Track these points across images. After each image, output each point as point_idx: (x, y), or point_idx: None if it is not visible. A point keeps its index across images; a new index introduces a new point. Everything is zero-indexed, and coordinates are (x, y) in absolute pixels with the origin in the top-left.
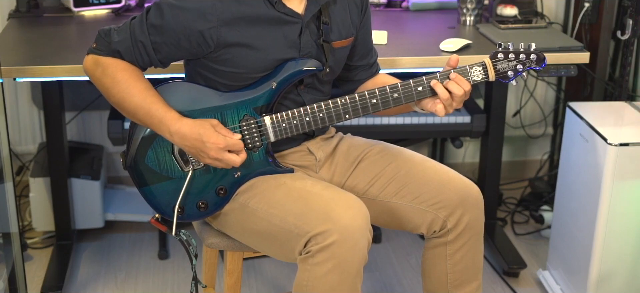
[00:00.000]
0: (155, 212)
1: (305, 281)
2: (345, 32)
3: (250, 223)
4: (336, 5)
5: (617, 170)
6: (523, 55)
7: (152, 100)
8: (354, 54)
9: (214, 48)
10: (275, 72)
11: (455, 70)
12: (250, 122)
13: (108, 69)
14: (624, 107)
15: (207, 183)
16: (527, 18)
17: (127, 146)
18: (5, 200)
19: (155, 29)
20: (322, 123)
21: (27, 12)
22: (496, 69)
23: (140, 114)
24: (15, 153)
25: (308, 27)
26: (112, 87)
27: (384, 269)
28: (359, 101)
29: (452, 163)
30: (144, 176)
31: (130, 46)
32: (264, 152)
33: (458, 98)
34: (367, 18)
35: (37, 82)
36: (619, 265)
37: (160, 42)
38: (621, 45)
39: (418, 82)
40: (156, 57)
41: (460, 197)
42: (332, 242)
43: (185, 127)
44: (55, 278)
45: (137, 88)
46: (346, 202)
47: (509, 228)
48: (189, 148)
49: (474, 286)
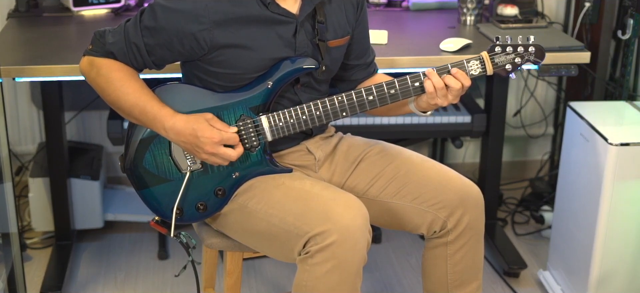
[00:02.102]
0: (155, 215)
1: (305, 281)
2: (341, 31)
3: (250, 224)
4: (331, 5)
5: (618, 170)
6: (521, 47)
7: (146, 98)
8: (350, 53)
9: (207, 50)
10: (271, 72)
11: (452, 65)
12: (247, 122)
13: (102, 70)
14: (624, 107)
15: (205, 184)
16: (528, 18)
17: (125, 149)
18: (5, 200)
19: (148, 31)
20: (319, 121)
21: (26, 11)
22: (494, 62)
23: (135, 112)
24: (15, 153)
25: (303, 26)
26: (106, 87)
27: (384, 269)
28: (356, 98)
29: (452, 163)
30: (143, 178)
31: (124, 48)
32: (261, 152)
33: (454, 91)
34: (363, 16)
35: (36, 82)
36: (620, 265)
37: (153, 45)
38: (622, 45)
39: (415, 77)
40: (150, 59)
41: (460, 197)
42: (331, 242)
43: (180, 122)
44: (54, 279)
45: (131, 87)
46: (346, 202)
47: (510, 228)
48: (184, 144)
49: (474, 286)
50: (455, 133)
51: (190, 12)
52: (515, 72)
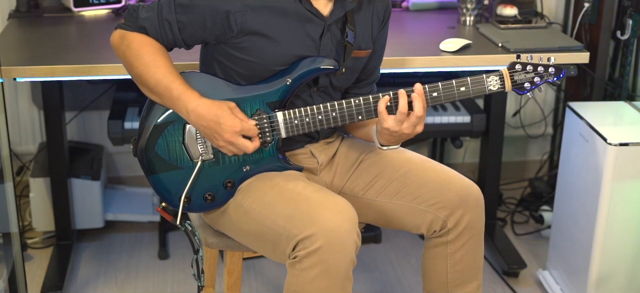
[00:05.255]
0: (162, 201)
1: (294, 286)
2: (365, 44)
3: (244, 224)
4: (360, 15)
5: (617, 170)
6: (541, 67)
7: (173, 77)
8: (364, 66)
9: (236, 33)
10: (291, 69)
11: (471, 79)
12: (263, 117)
13: (133, 44)
14: (623, 107)
15: (215, 175)
16: (527, 18)
17: (139, 133)
18: (6, 200)
19: (182, 7)
20: (335, 123)
21: (27, 12)
22: (513, 79)
23: (159, 88)
24: (16, 153)
25: (330, 29)
26: (134, 61)
27: (384, 269)
28: (373, 103)
29: (452, 164)
30: (153, 164)
31: (156, 23)
32: (274, 148)
33: (413, 118)
34: (384, 31)
35: (37, 82)
36: (619, 265)
37: (186, 22)
38: (621, 45)
39: (433, 87)
40: (180, 36)
41: (460, 197)
42: (318, 247)
43: (203, 106)
44: (55, 278)
45: (159, 64)
46: (335, 205)
47: (509, 228)
48: (204, 129)
49: (474, 286)
50: (455, 133)
51: None
52: (532, 90)
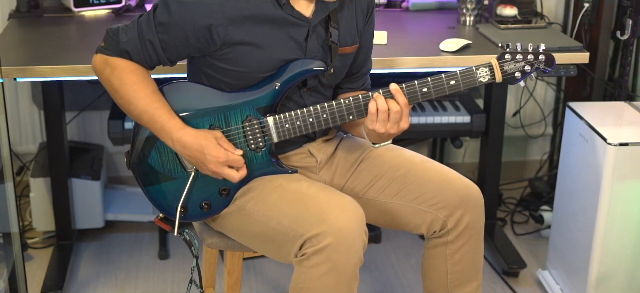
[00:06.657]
0: (160, 212)
1: (301, 283)
2: (351, 39)
3: (248, 226)
4: (343, 12)
5: (617, 170)
6: (531, 55)
7: (157, 105)
8: (353, 60)
9: (220, 45)
10: (279, 73)
11: (460, 71)
12: (254, 122)
13: (116, 70)
14: (623, 107)
15: (210, 184)
16: (527, 18)
17: (131, 145)
18: (6, 200)
19: (163, 26)
20: (326, 124)
21: (27, 12)
22: (503, 70)
23: (144, 118)
24: (16, 153)
25: (315, 31)
26: (119, 89)
27: (384, 269)
28: (363, 102)
29: (452, 163)
30: (148, 176)
31: (138, 45)
32: (267, 153)
33: (394, 115)
34: (370, 24)
35: (37, 82)
36: (619, 265)
37: (168, 40)
38: (621, 45)
39: (423, 82)
40: (164, 55)
41: (460, 197)
42: (326, 244)
43: (188, 136)
44: (55, 278)
45: (143, 92)
46: (341, 204)
47: (509, 228)
48: (189, 158)
49: (474, 286)
50: (455, 133)
51: (204, 5)
52: (524, 79)
